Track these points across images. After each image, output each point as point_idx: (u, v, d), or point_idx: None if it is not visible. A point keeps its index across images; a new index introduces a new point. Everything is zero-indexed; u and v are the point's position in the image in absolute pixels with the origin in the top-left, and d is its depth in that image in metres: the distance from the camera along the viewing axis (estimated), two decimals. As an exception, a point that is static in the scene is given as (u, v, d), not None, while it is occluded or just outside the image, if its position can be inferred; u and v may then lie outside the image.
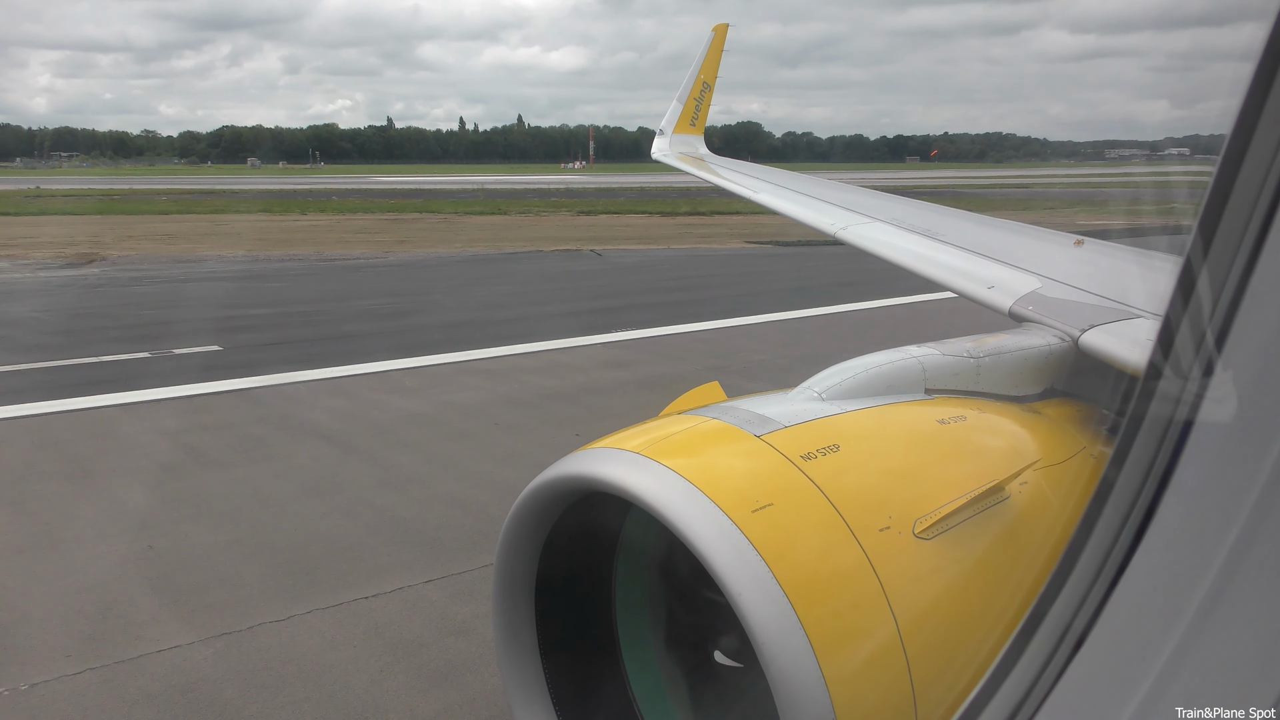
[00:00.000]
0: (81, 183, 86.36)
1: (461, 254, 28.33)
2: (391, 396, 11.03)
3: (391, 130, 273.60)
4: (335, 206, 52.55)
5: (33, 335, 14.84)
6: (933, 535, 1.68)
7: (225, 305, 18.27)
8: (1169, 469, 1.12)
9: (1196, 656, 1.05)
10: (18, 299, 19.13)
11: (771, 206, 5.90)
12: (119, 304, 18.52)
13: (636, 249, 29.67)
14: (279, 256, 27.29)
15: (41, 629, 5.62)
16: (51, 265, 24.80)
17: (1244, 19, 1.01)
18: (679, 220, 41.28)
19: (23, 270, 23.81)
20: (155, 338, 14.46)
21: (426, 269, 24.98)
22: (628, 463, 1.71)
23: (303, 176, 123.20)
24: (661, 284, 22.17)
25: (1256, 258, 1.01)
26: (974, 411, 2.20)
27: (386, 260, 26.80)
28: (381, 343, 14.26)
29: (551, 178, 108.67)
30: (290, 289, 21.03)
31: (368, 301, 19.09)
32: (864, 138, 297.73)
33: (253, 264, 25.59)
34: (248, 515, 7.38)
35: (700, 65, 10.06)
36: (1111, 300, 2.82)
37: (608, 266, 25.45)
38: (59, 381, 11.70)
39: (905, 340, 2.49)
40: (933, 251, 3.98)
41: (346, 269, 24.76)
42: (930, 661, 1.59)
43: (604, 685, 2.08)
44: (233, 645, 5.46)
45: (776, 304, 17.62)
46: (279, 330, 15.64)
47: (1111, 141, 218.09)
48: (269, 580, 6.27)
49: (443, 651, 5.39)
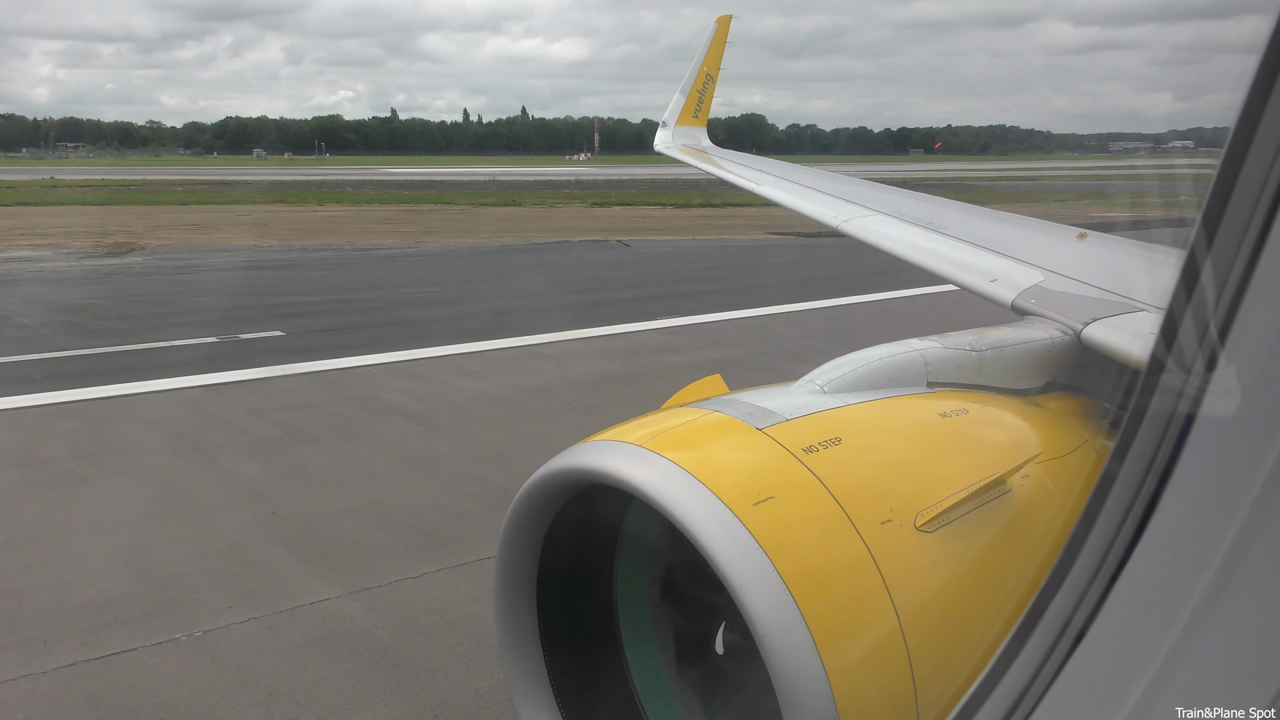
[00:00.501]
0: (94, 173, 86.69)
1: (490, 244, 28.78)
2: (460, 379, 11.51)
3: (396, 121, 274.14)
4: (350, 198, 52.74)
5: (99, 321, 15.32)
6: (934, 528, 1.68)
7: (275, 293, 18.77)
8: (1170, 463, 1.12)
9: (1196, 651, 1.05)
10: (75, 286, 19.62)
11: (774, 199, 5.89)
12: (172, 291, 19.02)
13: (662, 239, 30.12)
14: (313, 246, 27.74)
15: (198, 584, 6.12)
16: (94, 254, 25.25)
17: (1247, 12, 1.00)
18: (694, 212, 41.60)
19: (66, 259, 24.28)
20: (218, 323, 14.95)
21: (460, 258, 25.44)
22: (629, 455, 1.72)
23: (310, 168, 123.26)
24: (695, 273, 22.64)
25: (1260, 252, 1.01)
26: (976, 405, 2.20)
27: (419, 250, 27.25)
28: (436, 329, 14.75)
29: (560, 169, 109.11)
30: (333, 278, 21.51)
31: (412, 289, 19.57)
32: (868, 130, 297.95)
33: (288, 253, 26.05)
34: (356, 486, 7.88)
35: (703, 57, 10.09)
36: (1114, 294, 2.82)
37: (638, 256, 25.91)
38: (140, 364, 12.19)
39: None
40: (935, 244, 3.98)
41: (382, 258, 25.22)
42: (931, 654, 1.60)
43: (605, 677, 2.08)
44: (377, 598, 5.96)
45: (812, 292, 18.08)
46: (334, 317, 16.13)
47: (1116, 134, 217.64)
48: (392, 543, 6.76)
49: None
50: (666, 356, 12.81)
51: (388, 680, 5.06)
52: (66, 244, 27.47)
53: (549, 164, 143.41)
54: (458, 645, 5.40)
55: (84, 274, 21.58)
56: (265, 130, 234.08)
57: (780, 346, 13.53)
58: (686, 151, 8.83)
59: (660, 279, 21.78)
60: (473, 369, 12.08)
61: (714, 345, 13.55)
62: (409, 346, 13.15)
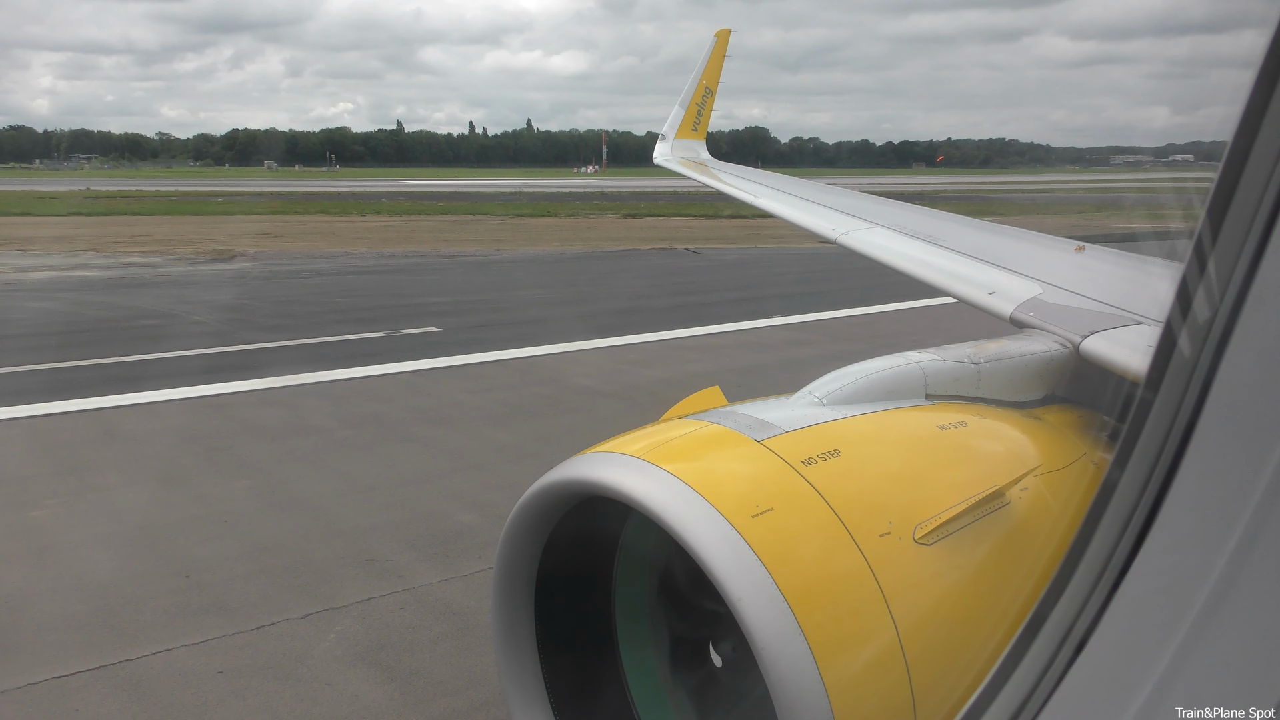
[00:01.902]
0: (123, 185, 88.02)
1: (565, 251, 30.36)
2: (628, 366, 12.90)
3: (402, 134, 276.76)
4: (388, 209, 54.06)
5: (265, 319, 16.72)
6: (933, 541, 1.69)
7: (399, 295, 20.18)
8: (1170, 474, 1.12)
9: (1196, 663, 1.06)
10: (212, 289, 21.06)
11: (773, 211, 5.90)
12: (306, 294, 20.44)
13: (726, 248, 31.63)
14: (400, 254, 29.21)
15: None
16: (200, 260, 26.70)
17: (1244, 26, 1.00)
18: (729, 223, 42.28)
19: (178, 265, 25.70)
20: (371, 320, 16.36)
21: (547, 264, 26.92)
22: (628, 467, 1.74)
23: (326, 179, 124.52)
24: (776, 278, 24.13)
25: (1258, 264, 1.02)
26: (975, 417, 2.20)
27: (503, 257, 28.73)
28: (573, 326, 16.10)
29: (573, 182, 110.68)
30: (445, 281, 22.96)
31: (527, 292, 20.99)
32: (870, 143, 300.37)
33: (383, 260, 27.49)
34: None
35: (702, 70, 10.20)
36: (1112, 306, 2.81)
37: (713, 263, 27.34)
38: (335, 354, 13.57)
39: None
40: (934, 257, 4.00)
41: (475, 265, 26.65)
42: (930, 667, 1.60)
43: (603, 687, 2.09)
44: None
45: (905, 293, 19.36)
46: (473, 315, 17.56)
47: (1117, 147, 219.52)
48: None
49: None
50: (799, 349, 14.22)
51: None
52: (168, 251, 28.94)
53: (558, 176, 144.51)
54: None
55: (210, 278, 23.03)
56: (274, 142, 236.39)
57: (897, 342, 14.93)
58: (686, 164, 8.84)
59: (747, 283, 23.26)
60: (633, 358, 13.47)
61: (836, 340, 14.97)
62: (559, 341, 14.52)
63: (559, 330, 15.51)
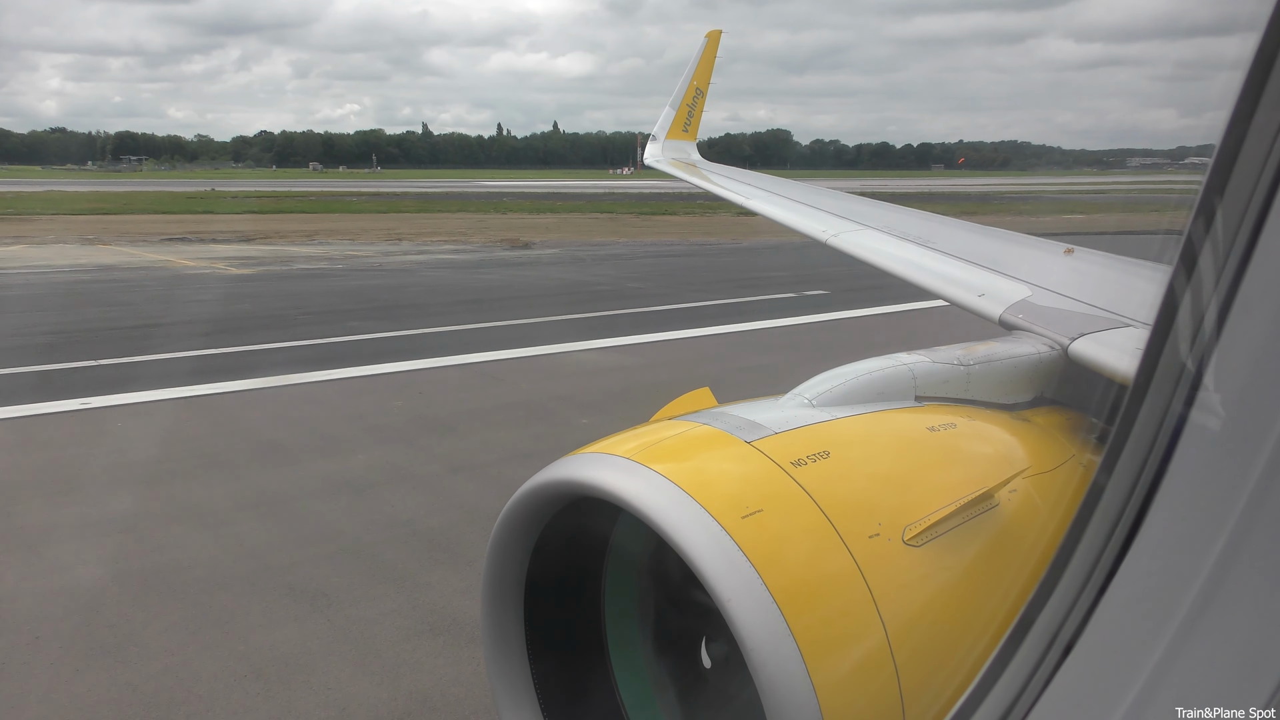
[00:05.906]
0: (228, 185, 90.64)
1: (762, 243, 34.43)
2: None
3: (432, 136, 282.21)
4: (507, 207, 57.43)
5: (656, 288, 20.97)
6: (922, 542, 1.70)
7: (757, 269, 24.24)
8: (1158, 476, 1.13)
9: (1183, 664, 1.07)
10: (577, 268, 25.49)
11: (764, 213, 5.95)
12: (680, 268, 25.00)
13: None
14: (664, 243, 33.57)
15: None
16: (504, 247, 31.51)
17: (1250, 29, 1.01)
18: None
19: (489, 251, 30.32)
20: (753, 285, 21.23)
21: (743, 254, 30.43)
22: (618, 468, 1.74)
23: (377, 180, 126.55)
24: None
25: (1245, 267, 1.02)
26: (964, 419, 2.21)
27: (742, 246, 32.78)
28: (852, 297, 19.24)
29: (616, 184, 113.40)
30: (774, 260, 26.77)
31: (831, 269, 23.20)
32: (890, 146, 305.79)
33: (672, 248, 31.42)
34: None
35: (693, 71, 10.20)
36: (1101, 309, 2.82)
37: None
38: (793, 307, 18.19)
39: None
40: (923, 259, 4.02)
41: (748, 250, 30.73)
42: (918, 668, 1.61)
43: (592, 689, 2.11)
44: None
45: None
46: (839, 284, 20.96)
47: (1130, 150, 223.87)
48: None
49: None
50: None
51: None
52: (466, 239, 33.42)
53: (593, 178, 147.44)
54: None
55: (570, 259, 27.79)
56: (311, 144, 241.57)
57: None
58: (677, 165, 8.93)
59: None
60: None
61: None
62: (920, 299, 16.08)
63: (899, 294, 17.62)
